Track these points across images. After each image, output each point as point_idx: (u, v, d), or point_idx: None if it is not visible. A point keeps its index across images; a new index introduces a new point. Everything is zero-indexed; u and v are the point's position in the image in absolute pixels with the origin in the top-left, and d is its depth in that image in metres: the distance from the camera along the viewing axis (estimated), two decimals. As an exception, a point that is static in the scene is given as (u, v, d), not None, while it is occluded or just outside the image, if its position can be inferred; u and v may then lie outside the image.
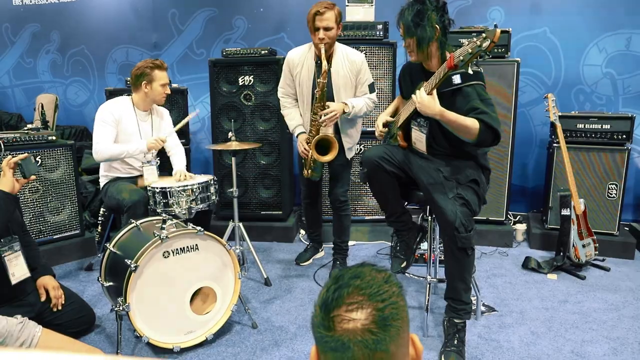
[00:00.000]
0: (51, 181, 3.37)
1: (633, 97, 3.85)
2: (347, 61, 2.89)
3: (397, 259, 2.63)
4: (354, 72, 2.90)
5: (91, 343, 2.41)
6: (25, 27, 4.99)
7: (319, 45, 2.75)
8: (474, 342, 2.40)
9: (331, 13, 2.73)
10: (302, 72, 2.92)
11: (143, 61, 2.99)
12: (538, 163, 4.12)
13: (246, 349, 2.38)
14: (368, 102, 2.94)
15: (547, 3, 3.91)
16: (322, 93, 2.80)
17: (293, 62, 2.96)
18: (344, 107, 2.84)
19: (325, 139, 2.86)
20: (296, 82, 2.98)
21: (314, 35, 2.79)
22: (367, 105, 2.94)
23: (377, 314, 0.78)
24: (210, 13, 4.55)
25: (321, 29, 2.73)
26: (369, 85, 2.95)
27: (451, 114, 2.11)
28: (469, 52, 1.92)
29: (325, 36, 2.74)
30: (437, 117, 2.13)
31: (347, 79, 2.89)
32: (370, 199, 3.87)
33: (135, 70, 2.95)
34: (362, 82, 2.93)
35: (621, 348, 2.35)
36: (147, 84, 2.94)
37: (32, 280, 2.33)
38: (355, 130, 3.06)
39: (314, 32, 2.78)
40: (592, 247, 3.28)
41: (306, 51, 2.94)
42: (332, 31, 2.75)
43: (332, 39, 2.79)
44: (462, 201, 2.17)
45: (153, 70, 2.93)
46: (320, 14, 2.72)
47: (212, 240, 2.37)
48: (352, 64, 2.89)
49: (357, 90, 2.95)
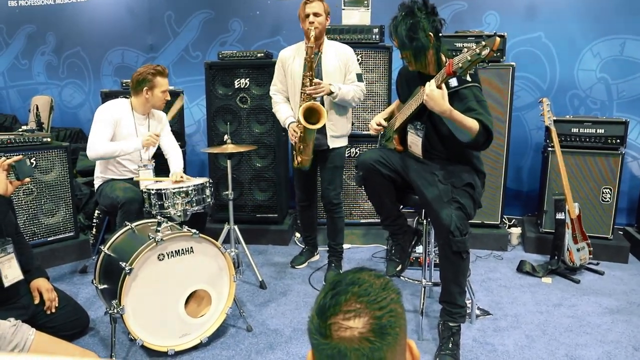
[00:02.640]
0: (45, 183, 3.35)
1: (627, 102, 3.88)
2: (336, 51, 3.00)
3: (392, 262, 2.63)
4: (343, 61, 2.98)
5: (85, 346, 2.39)
6: (20, 29, 4.97)
7: (309, 31, 2.83)
8: (469, 346, 2.41)
9: (319, 3, 2.89)
10: (294, 65, 2.99)
11: (144, 66, 2.98)
12: (533, 167, 4.14)
13: (241, 352, 2.37)
14: (356, 89, 2.98)
15: (542, 8, 3.93)
16: (311, 61, 2.83)
17: (285, 57, 3.05)
18: (330, 87, 2.86)
19: (312, 106, 2.84)
20: (287, 75, 3.04)
21: (304, 23, 2.90)
22: (354, 91, 2.96)
23: (375, 322, 0.77)
24: (206, 15, 4.55)
25: (311, 14, 2.85)
26: (357, 74, 3.02)
27: (458, 113, 2.09)
28: (468, 59, 1.92)
29: (315, 21, 2.84)
30: (444, 114, 2.08)
31: (336, 68, 2.96)
32: (366, 202, 3.87)
33: (137, 76, 2.94)
34: (350, 71, 3.00)
35: (615, 352, 2.36)
36: (149, 90, 2.94)
37: (26, 282, 2.31)
38: (341, 119, 3.04)
39: (304, 20, 2.89)
40: (587, 251, 3.29)
41: (298, 47, 3.04)
42: (321, 17, 2.88)
43: (322, 25, 2.90)
44: (457, 205, 2.18)
45: (155, 77, 2.93)
46: (309, 2, 2.88)
47: (207, 243, 2.37)
48: (341, 54, 3.00)
49: (346, 78, 3.01)
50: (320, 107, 2.84)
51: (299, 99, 2.96)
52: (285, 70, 3.05)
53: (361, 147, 3.77)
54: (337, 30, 3.60)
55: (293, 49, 3.06)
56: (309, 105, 2.83)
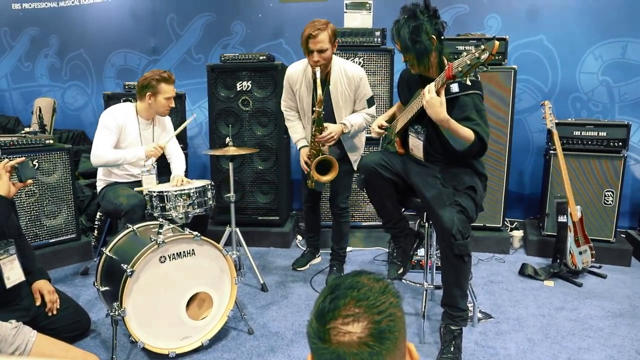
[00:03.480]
0: (48, 185, 3.36)
1: (629, 105, 3.87)
2: (345, 77, 2.86)
3: (394, 265, 2.63)
4: (352, 88, 2.88)
5: (86, 348, 2.39)
6: (23, 31, 4.99)
7: (314, 68, 2.73)
8: (471, 349, 2.40)
9: (324, 34, 2.66)
10: (302, 88, 2.93)
11: (151, 72, 2.95)
12: (535, 170, 4.14)
13: (242, 354, 2.37)
14: (366, 117, 2.95)
15: (544, 11, 3.93)
16: (319, 119, 2.79)
17: (292, 78, 2.97)
18: (342, 128, 2.84)
19: (325, 160, 2.85)
20: (297, 97, 2.99)
21: (309, 57, 2.74)
22: (365, 120, 2.94)
23: (374, 327, 0.76)
24: (208, 18, 4.56)
25: (315, 52, 2.68)
26: (368, 100, 2.94)
27: (455, 123, 2.09)
28: (467, 63, 1.91)
29: (320, 58, 2.69)
30: (441, 122, 2.09)
31: (346, 95, 2.89)
32: (368, 205, 3.86)
33: (142, 80, 2.93)
34: (360, 98, 2.93)
35: (618, 355, 2.35)
36: (152, 95, 2.92)
37: (27, 284, 2.31)
38: (359, 140, 3.08)
39: (308, 54, 2.73)
40: (589, 254, 3.28)
41: (304, 67, 2.91)
42: (326, 52, 2.70)
43: (328, 59, 2.75)
44: (459, 208, 2.18)
45: (159, 83, 2.91)
46: (313, 37, 2.65)
47: (209, 245, 2.37)
48: (350, 80, 2.86)
49: (356, 105, 2.95)
50: (333, 160, 2.82)
51: (308, 123, 2.96)
52: (294, 92, 2.99)
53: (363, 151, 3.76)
54: (339, 33, 3.58)
55: (298, 70, 2.93)
56: (321, 159, 2.82)
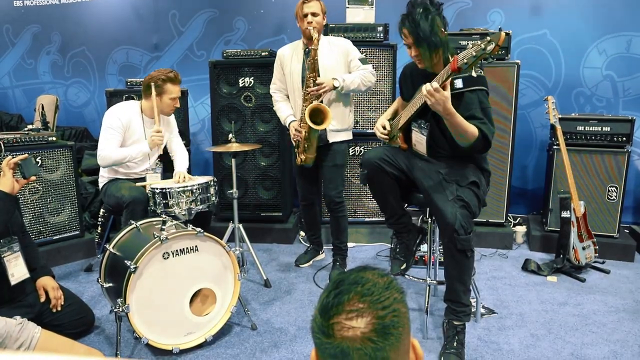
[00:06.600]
0: (51, 182, 3.37)
1: (633, 100, 3.85)
2: (332, 45, 3.02)
3: (397, 261, 2.62)
4: (341, 53, 3.00)
5: (90, 344, 2.40)
6: (26, 28, 4.99)
7: (307, 30, 2.86)
8: (474, 345, 2.40)
9: (316, 2, 2.94)
10: (293, 62, 3.02)
11: (157, 71, 2.95)
12: (538, 165, 4.12)
13: (245, 350, 2.37)
14: (363, 73, 2.94)
15: (547, 5, 3.91)
16: (313, 61, 2.85)
17: (283, 56, 3.09)
18: (333, 82, 2.86)
19: (318, 107, 2.84)
20: (286, 73, 3.05)
21: (302, 22, 2.94)
22: (362, 76, 2.93)
23: (378, 322, 0.76)
24: (210, 14, 4.55)
25: (309, 14, 2.90)
26: (360, 59, 3.00)
27: (459, 117, 2.07)
28: (473, 55, 1.88)
29: (313, 20, 2.89)
30: (446, 115, 2.06)
31: (333, 60, 2.96)
32: (370, 201, 3.86)
33: (148, 79, 2.92)
34: (352, 59, 3.00)
35: (621, 351, 2.35)
36: (157, 95, 2.91)
37: (32, 281, 2.33)
38: (340, 112, 3.03)
39: (302, 19, 2.94)
40: (592, 250, 3.27)
41: (296, 45, 3.07)
42: (318, 17, 2.93)
43: (319, 24, 2.93)
44: (461, 203, 2.17)
45: (165, 83, 2.91)
46: (307, 1, 2.93)
47: (212, 241, 2.37)
48: (337, 47, 3.01)
49: (350, 66, 3.01)
50: (326, 108, 2.85)
51: (298, 97, 2.97)
52: (284, 69, 3.07)
53: (366, 146, 3.77)
54: (341, 29, 3.59)
55: (291, 47, 3.09)
56: (314, 107, 2.84)
